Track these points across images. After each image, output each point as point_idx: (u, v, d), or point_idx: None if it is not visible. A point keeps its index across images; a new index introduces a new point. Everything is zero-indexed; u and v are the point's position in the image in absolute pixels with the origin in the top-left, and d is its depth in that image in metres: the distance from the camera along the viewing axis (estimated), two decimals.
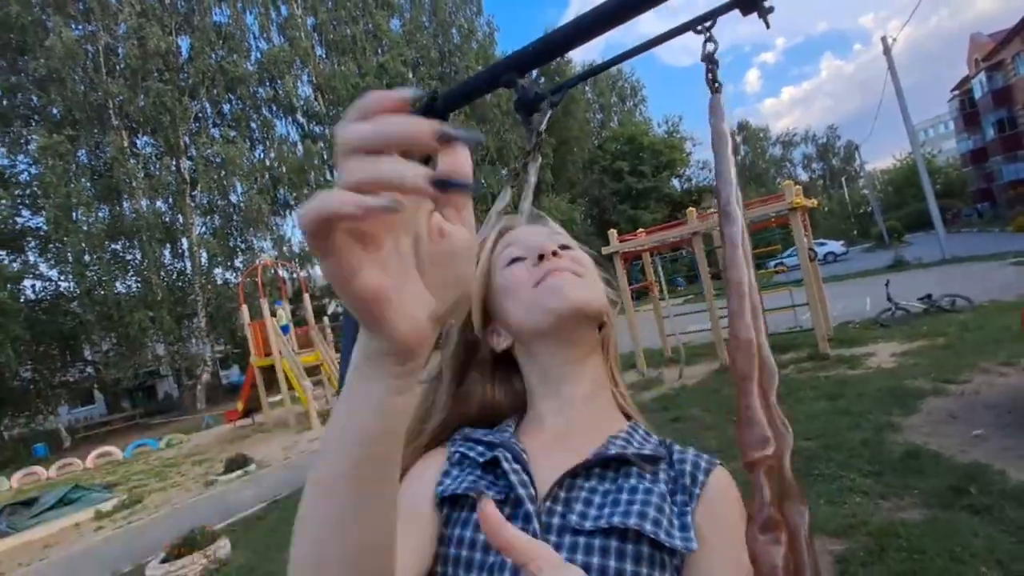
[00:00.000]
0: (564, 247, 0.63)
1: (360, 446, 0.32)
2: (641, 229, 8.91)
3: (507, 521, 0.30)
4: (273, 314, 11.45)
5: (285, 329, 11.87)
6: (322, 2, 23.66)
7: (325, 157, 23.17)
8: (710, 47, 1.41)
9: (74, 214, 18.89)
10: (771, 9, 1.17)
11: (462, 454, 0.58)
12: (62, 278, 20.19)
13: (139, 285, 20.52)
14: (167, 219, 21.50)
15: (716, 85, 1.25)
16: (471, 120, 23.84)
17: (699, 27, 1.33)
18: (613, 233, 7.56)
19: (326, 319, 14.11)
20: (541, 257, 0.60)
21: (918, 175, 19.36)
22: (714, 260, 8.87)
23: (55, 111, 20.54)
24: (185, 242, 22.10)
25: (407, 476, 0.58)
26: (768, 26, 1.24)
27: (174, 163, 21.13)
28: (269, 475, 7.39)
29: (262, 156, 23.96)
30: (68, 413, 23.89)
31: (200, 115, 22.44)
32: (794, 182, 7.00)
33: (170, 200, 21.54)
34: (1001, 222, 27.52)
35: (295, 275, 18.40)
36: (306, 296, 13.48)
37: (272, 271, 17.00)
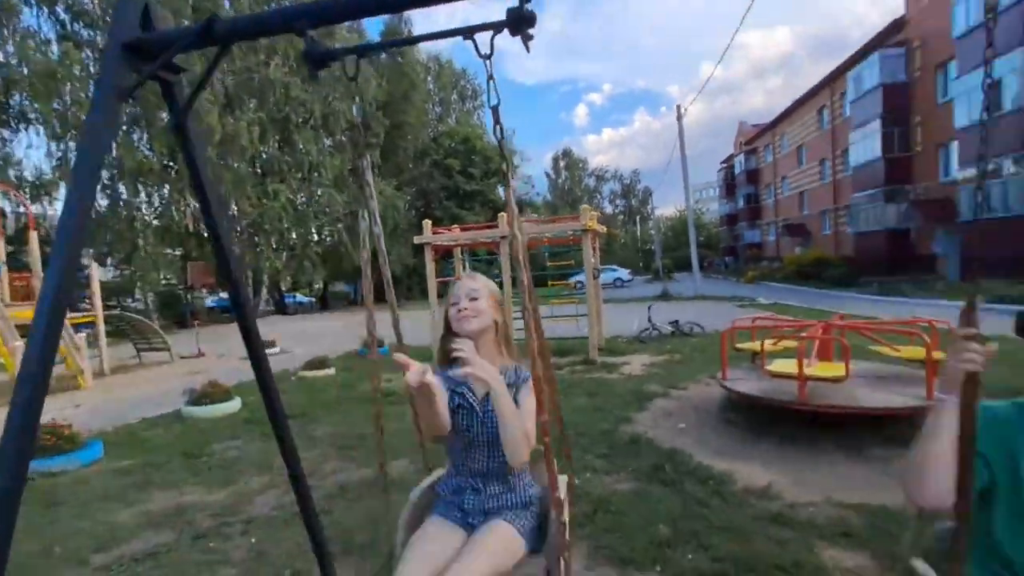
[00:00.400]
0: (473, 299, 1.69)
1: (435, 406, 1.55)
2: (456, 225, 9.19)
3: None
4: None
5: None
6: None
7: (92, 70, 18.21)
8: (494, 98, 1.57)
9: None
10: (531, 36, 1.36)
11: (446, 377, 1.67)
12: None
13: None
14: None
15: (506, 161, 1.64)
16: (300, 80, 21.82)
17: (481, 53, 1.48)
18: (427, 223, 7.64)
19: None
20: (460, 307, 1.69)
21: (688, 226, 23.64)
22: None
23: None
24: None
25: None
26: (528, 50, 1.43)
27: None
28: None
29: None
30: None
31: None
32: (590, 209, 7.98)
33: None
34: (738, 274, 35.07)
35: (22, 207, 14.37)
36: (33, 235, 10.47)
37: None
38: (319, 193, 23.61)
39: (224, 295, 27.15)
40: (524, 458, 1.51)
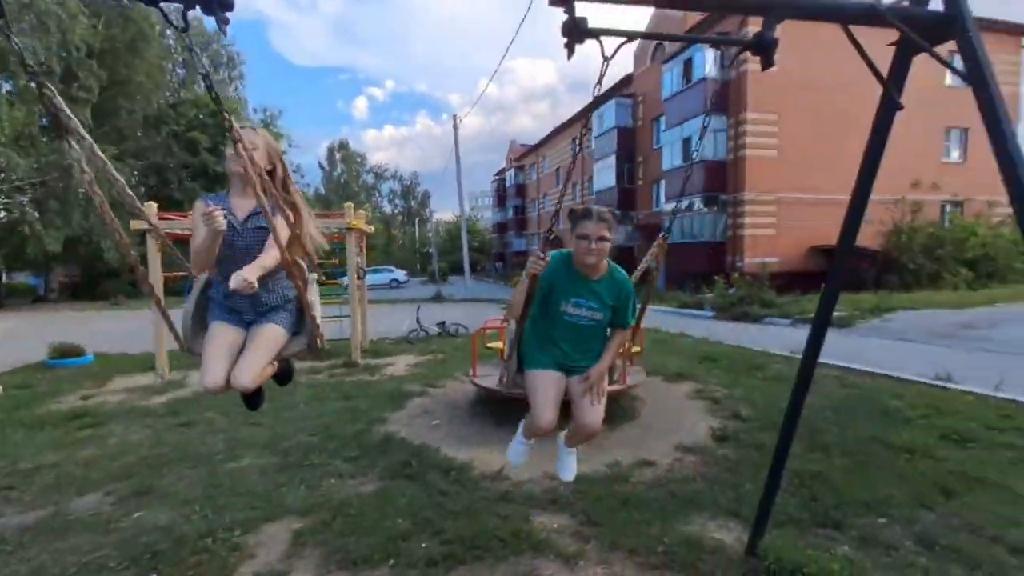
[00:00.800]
0: (248, 151, 1.79)
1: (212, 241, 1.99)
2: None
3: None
4: None
5: None
6: None
7: None
8: (203, 70, 1.53)
9: None
10: (227, 20, 1.28)
11: (216, 202, 2.10)
12: None
13: None
14: None
15: (229, 124, 1.64)
16: None
17: (174, 24, 1.35)
18: (151, 206, 6.17)
19: None
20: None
21: (462, 232, 24.92)
22: None
23: None
24: None
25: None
26: (225, 33, 1.35)
27: None
28: None
29: None
30: None
31: None
32: (354, 207, 7.75)
33: None
34: (507, 278, 38.31)
35: None
36: None
37: None
38: None
39: None
40: (277, 256, 1.99)
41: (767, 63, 1.64)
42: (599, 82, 1.71)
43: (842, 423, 4.47)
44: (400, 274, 35.72)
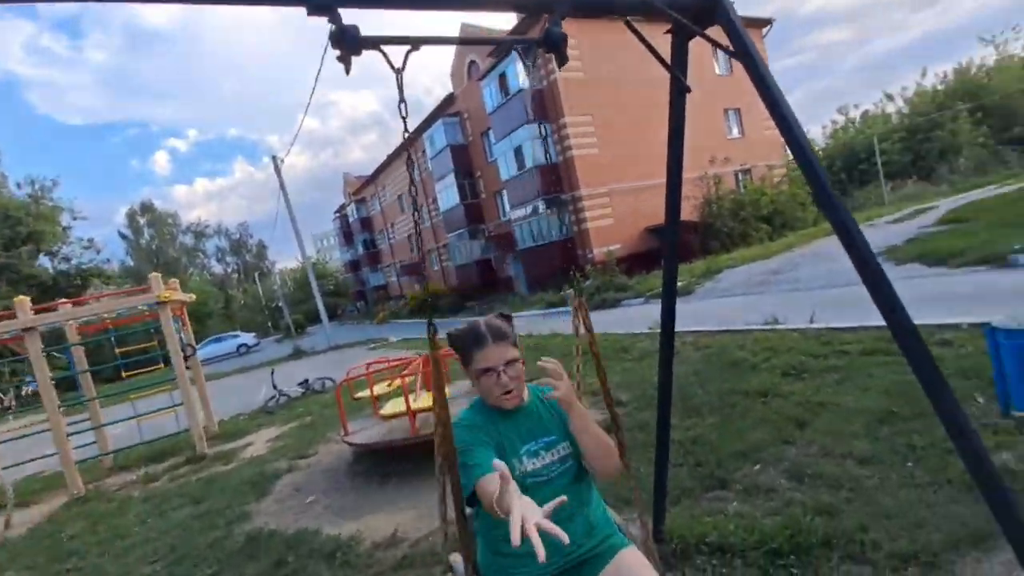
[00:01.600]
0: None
1: None
2: None
3: None
4: None
5: None
6: None
7: None
8: None
9: None
10: None
11: None
12: None
13: None
14: None
15: None
16: None
17: None
18: None
19: None
20: None
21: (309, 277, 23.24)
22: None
23: None
24: None
25: None
26: None
27: None
28: None
29: None
30: None
31: None
32: (160, 276, 6.63)
33: None
34: (370, 316, 36.64)
35: None
36: None
37: None
38: None
39: None
40: None
41: (561, 59, 1.59)
42: (401, 100, 1.46)
43: (704, 384, 4.82)
44: (248, 337, 32.22)
